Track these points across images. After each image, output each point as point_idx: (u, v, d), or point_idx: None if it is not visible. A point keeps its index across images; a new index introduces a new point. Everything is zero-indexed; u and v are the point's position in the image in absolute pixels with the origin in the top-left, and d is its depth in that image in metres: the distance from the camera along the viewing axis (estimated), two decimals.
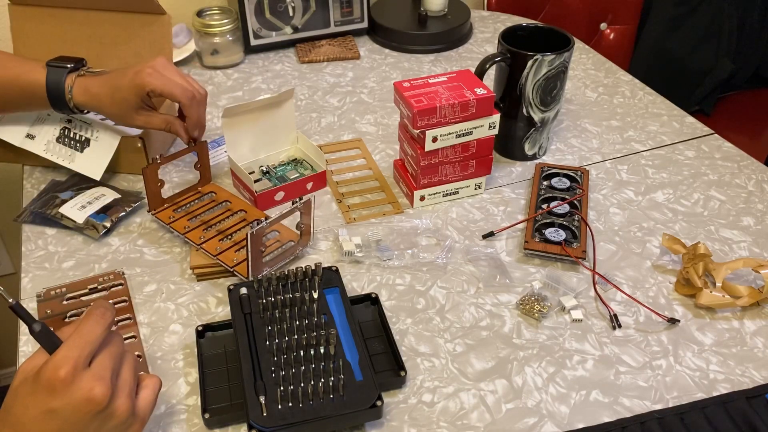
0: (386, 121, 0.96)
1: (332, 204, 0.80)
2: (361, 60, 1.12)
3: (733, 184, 0.84)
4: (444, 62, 1.12)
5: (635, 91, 1.04)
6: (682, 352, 0.63)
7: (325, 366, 0.56)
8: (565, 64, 0.81)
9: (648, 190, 0.83)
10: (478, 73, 0.79)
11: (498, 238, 0.75)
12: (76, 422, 0.43)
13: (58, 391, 0.42)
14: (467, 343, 0.63)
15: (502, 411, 0.57)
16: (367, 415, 0.54)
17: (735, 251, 0.74)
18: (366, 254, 0.72)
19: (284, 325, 0.59)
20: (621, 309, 0.67)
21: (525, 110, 0.83)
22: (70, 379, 0.42)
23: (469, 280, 0.70)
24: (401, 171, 0.81)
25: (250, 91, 1.03)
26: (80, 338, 0.44)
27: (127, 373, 0.47)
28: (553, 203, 0.77)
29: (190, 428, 0.56)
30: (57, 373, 0.42)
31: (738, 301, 0.66)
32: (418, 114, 0.71)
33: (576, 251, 0.71)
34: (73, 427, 0.43)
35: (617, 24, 1.49)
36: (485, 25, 1.24)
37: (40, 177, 0.84)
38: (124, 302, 0.67)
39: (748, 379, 0.60)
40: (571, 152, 0.90)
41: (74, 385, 0.42)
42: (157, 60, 0.73)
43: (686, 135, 0.93)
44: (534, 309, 0.66)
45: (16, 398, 0.43)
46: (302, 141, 0.85)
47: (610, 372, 0.61)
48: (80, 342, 0.44)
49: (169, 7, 0.89)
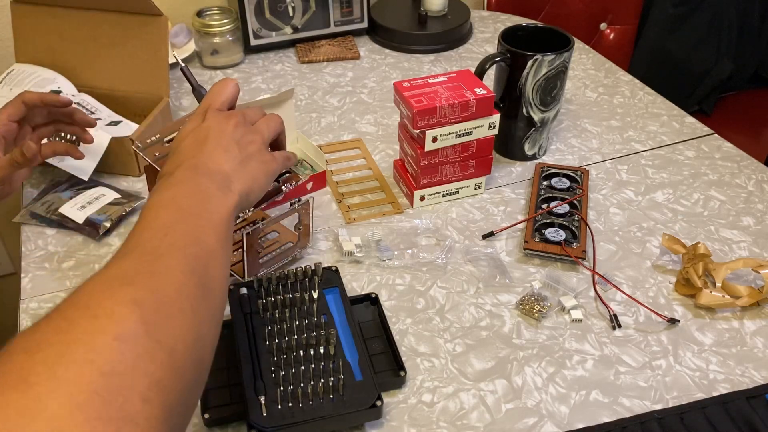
0: (386, 121, 0.96)
1: (332, 204, 0.80)
2: (361, 60, 1.12)
3: (733, 184, 0.84)
4: (444, 62, 1.12)
5: (635, 91, 1.04)
6: (682, 352, 0.63)
7: (325, 366, 0.56)
8: (565, 64, 0.81)
9: (648, 190, 0.83)
10: (478, 73, 0.79)
11: (498, 238, 0.75)
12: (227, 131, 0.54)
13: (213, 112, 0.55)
14: (467, 343, 0.63)
15: (502, 411, 0.57)
16: (367, 415, 0.54)
17: (735, 251, 0.74)
18: (366, 254, 0.72)
19: (284, 325, 0.59)
20: (621, 309, 0.67)
21: (525, 110, 0.83)
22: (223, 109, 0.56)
23: (469, 280, 0.70)
24: (401, 171, 0.81)
25: (250, 91, 1.03)
26: None
27: None
28: (553, 203, 0.77)
29: (190, 428, 0.56)
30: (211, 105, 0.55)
31: (738, 301, 0.66)
32: (418, 114, 0.71)
33: (576, 251, 0.71)
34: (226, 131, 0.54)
35: (617, 24, 1.49)
36: (485, 25, 1.24)
37: (40, 177, 0.84)
38: None
39: (748, 379, 0.60)
40: (571, 152, 0.90)
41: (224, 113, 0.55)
42: None
43: (686, 135, 0.94)
44: (534, 309, 0.66)
45: None
46: (302, 141, 0.85)
47: (609, 372, 0.61)
48: None
49: (169, 7, 0.89)
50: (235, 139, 0.53)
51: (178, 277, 0.41)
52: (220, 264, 0.46)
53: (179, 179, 0.49)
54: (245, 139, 0.54)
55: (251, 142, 0.55)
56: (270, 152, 0.57)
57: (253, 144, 0.55)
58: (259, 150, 0.55)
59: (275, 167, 0.57)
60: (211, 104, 0.56)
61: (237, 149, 0.53)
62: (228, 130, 0.53)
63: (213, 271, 0.45)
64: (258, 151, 0.55)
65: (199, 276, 0.43)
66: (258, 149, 0.55)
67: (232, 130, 0.54)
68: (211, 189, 0.49)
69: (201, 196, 0.48)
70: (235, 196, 0.50)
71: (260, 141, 0.56)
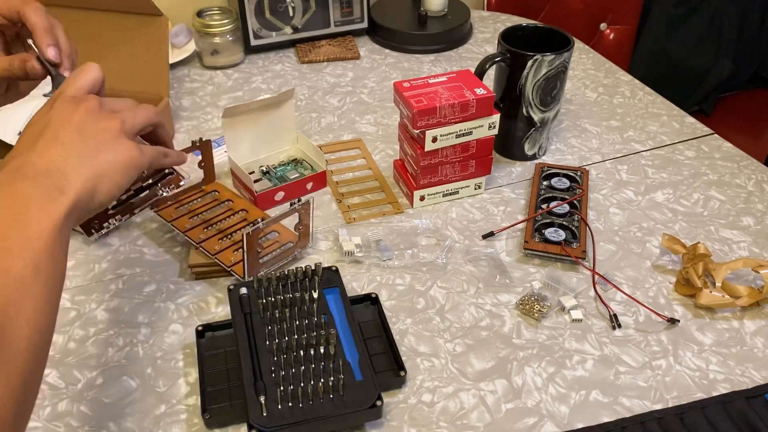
0: (386, 121, 0.96)
1: (332, 204, 0.80)
2: (361, 60, 1.12)
3: (733, 184, 0.84)
4: (444, 62, 1.12)
5: (635, 91, 1.04)
6: (682, 352, 0.63)
7: (325, 366, 0.56)
8: (565, 64, 0.81)
9: (648, 190, 0.83)
10: (478, 73, 0.79)
11: (498, 238, 0.75)
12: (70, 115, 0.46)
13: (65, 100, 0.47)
14: (467, 343, 0.63)
15: (502, 411, 0.57)
16: (367, 415, 0.54)
17: (735, 251, 0.74)
18: (366, 254, 0.72)
19: (284, 325, 0.59)
20: (621, 309, 0.67)
21: (525, 110, 0.83)
22: (79, 95, 0.47)
23: (469, 280, 0.70)
24: (401, 171, 0.81)
25: (250, 91, 1.03)
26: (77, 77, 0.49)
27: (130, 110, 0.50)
28: (553, 203, 0.77)
29: (190, 428, 0.56)
30: (64, 93, 0.47)
31: (738, 301, 0.66)
32: (418, 114, 0.71)
33: (576, 251, 0.71)
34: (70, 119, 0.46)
35: (617, 24, 1.49)
36: (485, 25, 1.24)
37: None
38: None
39: (748, 379, 0.60)
40: (571, 152, 0.90)
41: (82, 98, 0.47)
42: None
43: (686, 135, 0.94)
44: (534, 309, 0.66)
45: None
46: (302, 141, 0.85)
47: (609, 372, 0.61)
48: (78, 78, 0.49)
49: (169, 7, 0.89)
50: (80, 128, 0.45)
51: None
52: (31, 296, 0.37)
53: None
54: (97, 126, 0.46)
55: (105, 130, 0.46)
56: (131, 142, 0.48)
57: (108, 132, 0.46)
58: (115, 138, 0.46)
59: (137, 160, 0.47)
60: (62, 92, 0.48)
61: (80, 140, 0.44)
62: (74, 118, 0.45)
63: (14, 308, 0.36)
64: (112, 140, 0.46)
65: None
66: (112, 138, 0.46)
67: (80, 118, 0.45)
68: (31, 196, 0.40)
69: (14, 207, 0.40)
70: (68, 199, 0.42)
71: (117, 129, 0.47)
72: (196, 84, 1.04)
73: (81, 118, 0.45)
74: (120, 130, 0.47)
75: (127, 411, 0.57)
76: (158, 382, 0.60)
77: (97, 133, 0.45)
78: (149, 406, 0.58)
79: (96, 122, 0.46)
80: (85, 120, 0.45)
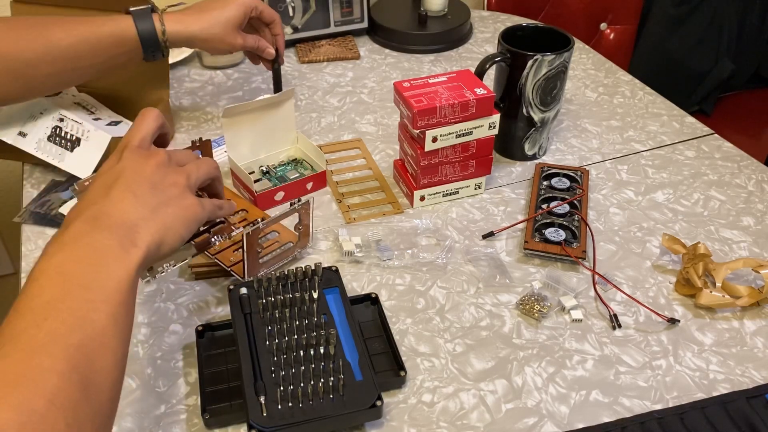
0: (386, 121, 0.96)
1: (332, 204, 0.80)
2: (361, 60, 1.12)
3: (733, 184, 0.84)
4: (444, 62, 1.12)
5: (635, 91, 1.04)
6: (682, 352, 0.63)
7: (325, 366, 0.56)
8: (565, 64, 0.81)
9: (648, 190, 0.83)
10: (478, 73, 0.79)
11: (498, 238, 0.75)
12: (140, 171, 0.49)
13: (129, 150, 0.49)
14: (467, 343, 0.63)
15: (502, 411, 0.57)
16: (367, 415, 0.54)
17: (735, 251, 0.74)
18: (366, 254, 0.72)
19: (284, 325, 0.59)
20: (621, 309, 0.67)
21: (525, 110, 0.83)
22: (144, 146, 0.50)
23: (469, 280, 0.70)
24: (401, 171, 0.81)
25: (250, 91, 1.03)
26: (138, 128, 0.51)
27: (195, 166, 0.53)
28: (553, 203, 0.77)
29: (190, 428, 0.56)
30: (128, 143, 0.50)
31: (738, 301, 0.66)
32: (418, 114, 0.71)
33: (576, 251, 0.71)
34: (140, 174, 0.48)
35: (617, 24, 1.49)
36: (485, 25, 1.24)
37: (40, 177, 0.84)
38: None
39: (748, 379, 0.60)
40: (571, 152, 0.90)
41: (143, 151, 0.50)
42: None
43: (686, 135, 0.94)
44: (534, 309, 0.66)
45: None
46: (302, 141, 0.85)
47: (610, 372, 0.61)
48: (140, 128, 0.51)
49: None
50: (152, 181, 0.47)
51: (53, 381, 0.35)
52: (110, 349, 0.39)
53: (73, 236, 0.43)
54: (166, 180, 0.48)
55: (173, 185, 0.49)
56: (195, 197, 0.51)
57: (175, 187, 0.49)
58: (181, 194, 0.49)
59: (199, 215, 0.50)
60: (129, 141, 0.50)
61: (151, 193, 0.47)
62: (146, 171, 0.48)
63: (100, 361, 0.38)
64: (179, 195, 0.49)
65: (81, 372, 0.37)
66: (179, 193, 0.49)
67: (151, 171, 0.48)
68: (109, 247, 0.42)
69: (95, 258, 0.42)
70: (141, 251, 0.44)
71: (183, 183, 0.50)
72: (196, 84, 1.04)
73: (152, 171, 0.48)
74: (186, 185, 0.50)
75: (127, 411, 0.57)
76: (158, 382, 0.60)
77: (165, 188, 0.48)
78: (149, 406, 0.58)
79: (165, 176, 0.48)
80: (155, 173, 0.48)
